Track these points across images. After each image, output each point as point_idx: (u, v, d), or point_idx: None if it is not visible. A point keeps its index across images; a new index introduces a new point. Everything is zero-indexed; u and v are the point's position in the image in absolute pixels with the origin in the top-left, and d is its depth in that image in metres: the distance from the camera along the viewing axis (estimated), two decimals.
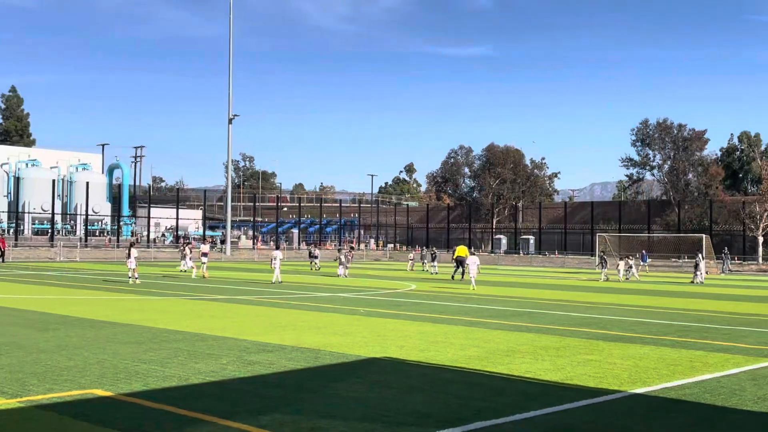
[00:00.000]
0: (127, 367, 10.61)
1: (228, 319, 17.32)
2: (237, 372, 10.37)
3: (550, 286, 34.68)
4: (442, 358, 11.96)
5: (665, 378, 10.48)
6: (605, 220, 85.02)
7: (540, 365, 11.40)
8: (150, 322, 16.20)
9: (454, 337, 14.65)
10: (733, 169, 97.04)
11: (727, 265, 57.06)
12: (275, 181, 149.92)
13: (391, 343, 13.52)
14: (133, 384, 9.39)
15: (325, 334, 14.67)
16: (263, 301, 22.55)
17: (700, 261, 41.60)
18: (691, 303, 25.00)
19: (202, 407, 8.16)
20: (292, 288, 29.06)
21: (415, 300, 24.13)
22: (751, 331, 16.63)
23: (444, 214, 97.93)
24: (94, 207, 77.00)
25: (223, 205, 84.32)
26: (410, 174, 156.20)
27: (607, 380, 10.24)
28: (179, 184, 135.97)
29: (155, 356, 11.58)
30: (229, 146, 69.06)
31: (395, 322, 17.17)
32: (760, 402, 9.02)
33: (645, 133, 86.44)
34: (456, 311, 20.16)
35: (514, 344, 13.70)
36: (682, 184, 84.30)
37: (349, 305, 21.54)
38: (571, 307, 22.22)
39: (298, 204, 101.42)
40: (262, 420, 7.66)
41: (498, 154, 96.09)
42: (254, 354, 11.99)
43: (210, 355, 11.74)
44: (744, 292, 32.44)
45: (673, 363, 11.83)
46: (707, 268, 53.81)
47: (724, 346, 14.05)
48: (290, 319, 17.63)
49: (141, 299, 22.94)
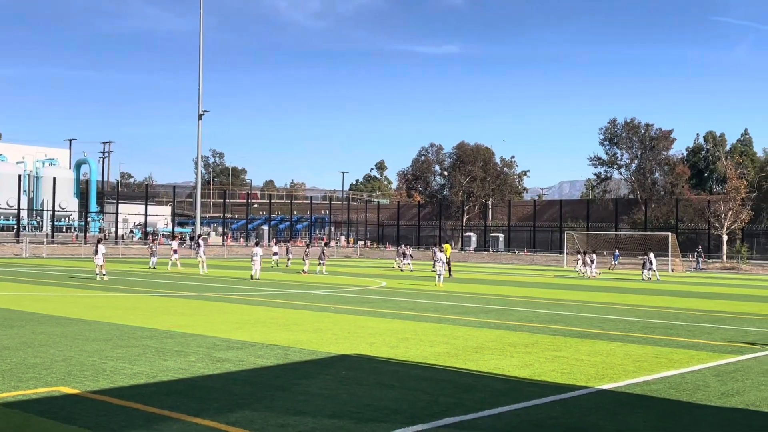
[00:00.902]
0: (95, 364, 10.50)
1: (197, 316, 17.21)
2: (206, 369, 10.31)
3: (518, 283, 34.94)
4: (412, 354, 12.01)
5: (631, 374, 10.63)
6: (573, 218, 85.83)
7: (508, 362, 11.50)
8: (118, 319, 16.04)
9: (423, 333, 14.71)
10: (699, 169, 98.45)
11: (699, 264, 57.88)
12: (245, 177, 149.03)
13: (360, 340, 13.54)
14: (100, 381, 9.30)
15: (295, 331, 14.64)
16: (232, 298, 22.43)
17: (651, 259, 42.61)
18: (657, 300, 25.36)
19: (171, 404, 8.10)
20: (263, 285, 28.94)
21: (386, 297, 24.17)
22: (715, 328, 16.92)
23: (415, 212, 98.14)
24: (60, 203, 75.92)
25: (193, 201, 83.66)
26: (381, 171, 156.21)
27: (574, 376, 10.36)
28: (148, 180, 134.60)
29: (123, 353, 11.47)
30: (199, 142, 68.53)
31: (365, 319, 17.19)
32: (724, 397, 9.19)
33: (613, 133, 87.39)
34: (426, 308, 20.23)
35: (483, 341, 13.79)
36: (649, 182, 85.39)
37: (319, 302, 21.51)
38: (540, 304, 22.42)
39: (269, 201, 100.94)
40: (231, 417, 7.63)
41: (468, 152, 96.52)
42: (223, 351, 11.93)
43: (178, 353, 11.67)
44: (708, 289, 32.98)
45: (639, 359, 12.00)
46: (673, 265, 54.66)
47: (689, 342, 14.29)
48: (260, 316, 17.56)
49: (109, 296, 22.69)
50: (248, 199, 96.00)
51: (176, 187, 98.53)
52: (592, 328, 16.39)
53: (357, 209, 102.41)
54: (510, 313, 19.36)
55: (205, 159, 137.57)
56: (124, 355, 11.29)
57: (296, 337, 13.73)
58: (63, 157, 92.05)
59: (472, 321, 17.26)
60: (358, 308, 19.95)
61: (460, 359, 11.63)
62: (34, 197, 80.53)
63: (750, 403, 8.91)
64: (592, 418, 8.03)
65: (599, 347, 13.28)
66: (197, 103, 66.64)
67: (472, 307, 21.06)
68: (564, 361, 11.62)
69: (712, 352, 13.04)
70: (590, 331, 15.80)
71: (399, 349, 12.51)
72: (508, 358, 11.88)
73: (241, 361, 11.02)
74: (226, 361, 10.97)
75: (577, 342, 13.93)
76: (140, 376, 9.69)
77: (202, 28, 66.98)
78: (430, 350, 12.50)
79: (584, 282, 36.92)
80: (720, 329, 16.72)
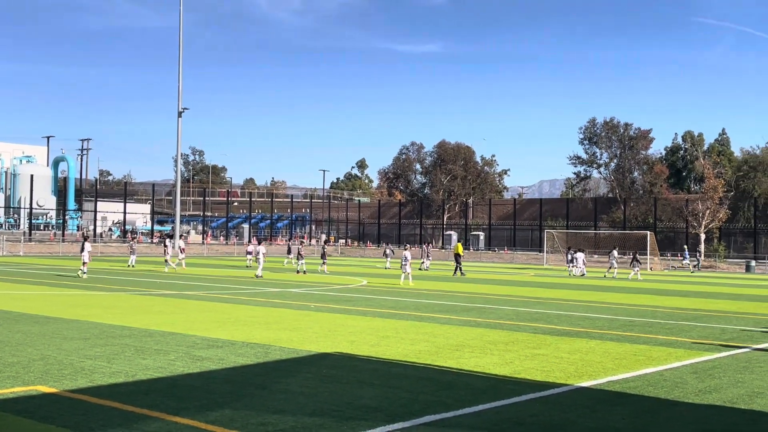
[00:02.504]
0: (73, 363, 10.41)
1: (176, 315, 17.11)
2: (185, 368, 10.26)
3: (499, 281, 35.08)
4: (393, 352, 12.02)
5: (610, 371, 10.71)
6: (553, 216, 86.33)
7: (489, 359, 11.54)
8: (96, 318, 15.92)
9: (404, 332, 14.72)
10: (677, 168, 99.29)
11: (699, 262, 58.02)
12: (225, 175, 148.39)
13: (341, 339, 13.53)
14: (78, 380, 9.22)
15: (275, 330, 14.60)
16: (212, 297, 22.33)
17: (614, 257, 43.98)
18: (635, 298, 25.57)
19: (150, 403, 8.05)
20: (243, 283, 28.83)
21: (366, 295, 24.17)
22: (693, 326, 17.08)
23: (395, 210, 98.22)
24: (38, 200, 75.17)
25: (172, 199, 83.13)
26: (362, 170, 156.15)
27: (554, 374, 10.42)
28: (127, 178, 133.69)
29: (102, 352, 11.38)
30: (179, 140, 68.09)
31: (346, 318, 17.18)
32: (701, 394, 9.28)
33: (592, 132, 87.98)
34: (406, 307, 20.25)
35: (464, 339, 13.83)
36: (628, 182, 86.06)
37: (300, 300, 21.47)
38: (520, 303, 22.52)
39: (249, 199, 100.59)
40: (211, 416, 7.59)
41: (449, 151, 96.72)
42: (203, 350, 11.88)
43: (158, 351, 11.59)
44: (686, 287, 33.28)
45: (617, 357, 12.09)
46: (652, 264, 55.12)
47: (667, 340, 14.42)
48: (240, 314, 17.50)
49: (87, 294, 22.50)
50: (228, 197, 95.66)
51: (155, 185, 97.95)
52: (572, 326, 16.49)
53: (338, 208, 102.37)
54: (490, 312, 19.43)
55: (185, 157, 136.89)
56: (103, 354, 11.21)
57: (277, 336, 13.69)
58: (41, 154, 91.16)
59: (452, 319, 17.31)
60: (339, 307, 19.94)
61: (441, 357, 11.66)
62: (11, 195, 79.66)
63: (727, 400, 9.01)
64: (572, 415, 8.08)
65: (579, 345, 13.37)
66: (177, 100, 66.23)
67: (452, 305, 21.11)
68: (544, 359, 11.68)
69: (690, 349, 13.17)
70: (570, 329, 15.90)
71: (380, 348, 12.52)
72: (488, 356, 11.92)
73: (221, 360, 10.97)
74: (205, 360, 10.92)
75: (556, 340, 14.01)
76: (119, 375, 9.62)
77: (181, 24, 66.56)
78: (410, 348, 12.52)
79: (563, 280, 37.14)
80: (698, 327, 16.88)
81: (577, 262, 43.16)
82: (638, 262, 42.05)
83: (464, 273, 39.04)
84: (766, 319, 18.86)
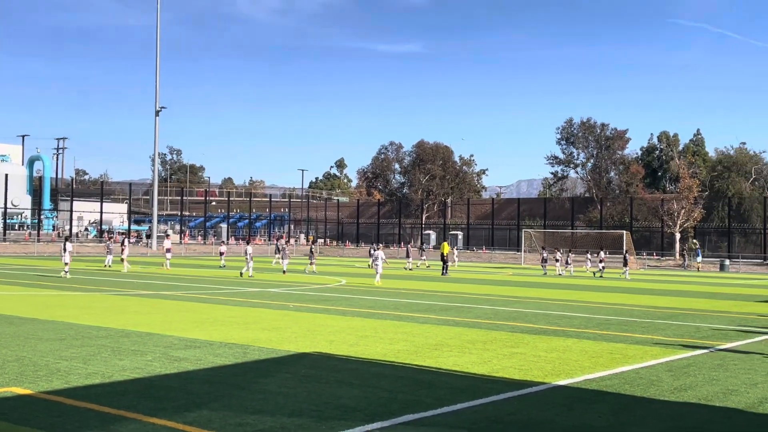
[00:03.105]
0: (48, 364, 10.30)
1: (153, 315, 16.99)
2: (162, 368, 10.19)
3: (477, 280, 35.20)
4: (372, 352, 12.02)
5: (587, 370, 10.79)
6: (531, 216, 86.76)
7: (467, 359, 11.58)
8: (72, 319, 15.76)
9: (383, 331, 14.74)
10: (653, 168, 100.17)
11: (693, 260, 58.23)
12: (203, 174, 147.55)
13: (320, 338, 13.51)
14: (53, 382, 9.13)
15: (254, 330, 14.55)
16: (190, 297, 22.20)
17: (547, 255, 45.65)
18: (612, 297, 25.78)
19: (127, 404, 7.99)
20: (221, 283, 28.69)
21: (345, 295, 24.15)
22: (668, 324, 17.25)
23: (374, 210, 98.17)
24: (13, 200, 74.24)
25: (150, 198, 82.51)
26: (341, 169, 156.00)
27: (532, 372, 10.48)
28: (103, 177, 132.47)
29: (77, 353, 11.28)
30: (156, 139, 67.67)
31: (325, 317, 17.16)
32: (677, 392, 9.38)
33: (569, 132, 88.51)
34: (385, 306, 20.27)
35: (442, 338, 13.87)
36: (605, 181, 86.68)
37: (279, 300, 21.40)
38: (498, 302, 22.62)
39: (227, 198, 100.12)
40: (189, 417, 7.55)
41: (427, 151, 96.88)
42: (180, 350, 11.81)
43: (135, 352, 11.51)
44: (662, 286, 33.61)
45: (594, 355, 12.18)
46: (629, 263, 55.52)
47: (643, 338, 14.56)
48: (218, 314, 17.41)
49: (63, 295, 22.28)
50: (206, 196, 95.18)
51: (132, 185, 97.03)
52: (550, 324, 16.59)
53: (317, 207, 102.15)
54: (469, 311, 19.50)
55: (163, 156, 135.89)
56: (79, 355, 11.10)
57: (255, 336, 13.65)
58: (15, 153, 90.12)
59: (431, 318, 17.34)
60: (318, 306, 19.90)
61: (420, 356, 11.68)
62: None
63: (702, 397, 9.11)
64: (549, 413, 8.13)
65: (556, 344, 13.46)
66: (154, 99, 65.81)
67: (431, 304, 21.15)
68: (521, 358, 11.74)
69: (666, 347, 13.30)
70: (547, 327, 16.00)
71: (359, 347, 12.52)
72: (466, 355, 11.96)
73: (199, 360, 10.91)
74: (183, 360, 10.86)
75: (534, 339, 14.09)
76: (95, 376, 9.54)
77: (159, 23, 66.14)
78: (389, 348, 12.53)
79: (541, 279, 37.35)
80: (673, 325, 17.06)
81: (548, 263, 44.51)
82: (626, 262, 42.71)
83: (447, 273, 39.18)
84: (740, 318, 19.10)
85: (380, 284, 29.23)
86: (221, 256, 44.99)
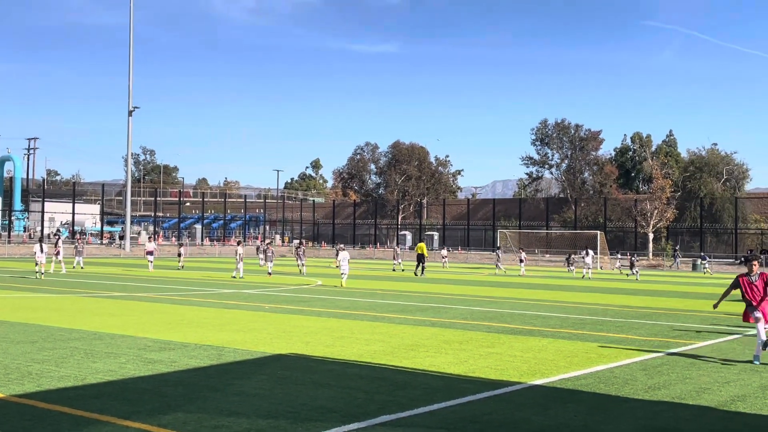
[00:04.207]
0: (20, 367, 10.15)
1: (127, 317, 16.82)
2: (136, 371, 10.09)
3: (453, 281, 35.29)
4: (348, 353, 12.00)
5: (563, 369, 10.85)
6: (506, 216, 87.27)
7: (443, 359, 11.60)
8: (44, 321, 15.56)
9: (359, 332, 14.72)
10: (626, 169, 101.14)
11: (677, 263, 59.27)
12: (177, 175, 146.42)
13: (296, 339, 13.46)
14: (25, 385, 9.00)
15: (229, 331, 14.46)
16: (164, 298, 22.01)
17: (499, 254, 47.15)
18: (586, 297, 25.98)
19: (100, 407, 7.90)
20: (195, 284, 28.49)
21: (321, 296, 24.09)
22: (642, 324, 17.41)
23: (350, 210, 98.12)
24: None
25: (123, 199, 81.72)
26: (316, 170, 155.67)
27: (508, 372, 10.52)
28: (76, 178, 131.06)
29: (49, 356, 11.13)
30: (129, 139, 67.07)
31: (300, 318, 17.10)
32: (651, 391, 9.47)
33: (544, 133, 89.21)
34: (361, 307, 20.24)
35: (419, 339, 13.88)
36: (579, 182, 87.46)
37: (254, 301, 21.29)
38: (474, 302, 22.69)
39: (202, 199, 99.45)
40: (163, 419, 7.48)
41: (403, 151, 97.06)
42: (155, 352, 11.69)
43: (108, 354, 11.38)
44: (635, 286, 33.94)
45: (570, 355, 12.26)
46: (602, 263, 56.05)
47: (618, 338, 14.68)
48: (192, 316, 17.28)
49: (33, 297, 21.98)
50: (180, 197, 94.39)
51: (105, 185, 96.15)
52: (525, 324, 16.67)
53: (292, 208, 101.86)
54: (445, 311, 19.54)
55: (136, 156, 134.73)
56: (51, 358, 10.96)
57: (230, 337, 13.56)
58: None
59: (407, 319, 17.35)
60: (294, 307, 19.83)
61: (396, 357, 11.68)
62: None
63: (675, 396, 9.20)
64: (525, 412, 8.16)
65: (532, 343, 13.52)
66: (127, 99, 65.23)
67: (407, 305, 21.17)
68: (498, 358, 11.78)
69: (640, 347, 13.42)
70: (523, 327, 16.08)
71: (335, 348, 12.48)
72: (443, 355, 11.98)
73: (174, 362, 10.82)
74: (157, 363, 10.75)
75: (510, 338, 14.15)
76: (68, 379, 9.42)
77: (132, 22, 65.58)
78: (365, 348, 12.51)
79: (516, 279, 37.54)
80: (647, 325, 17.22)
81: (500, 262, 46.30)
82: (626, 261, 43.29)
83: (423, 274, 38.63)
84: (712, 317, 19.33)
85: (345, 285, 28.23)
86: (179, 258, 42.78)
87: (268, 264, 36.00)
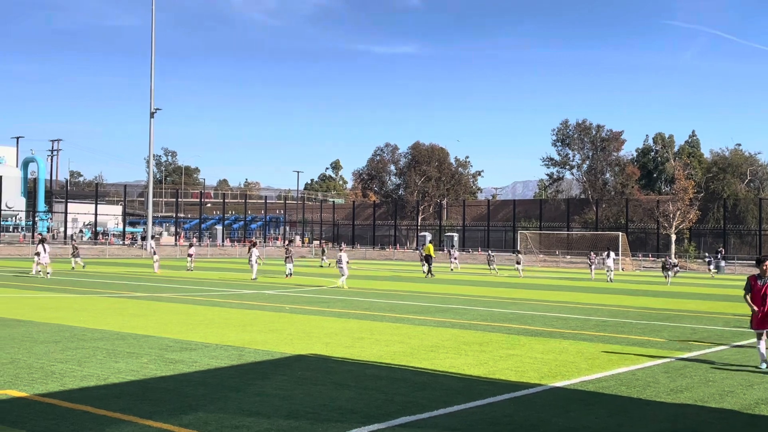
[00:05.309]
0: (43, 366, 10.26)
1: (149, 317, 16.95)
2: (158, 371, 10.16)
3: (473, 282, 35.20)
4: (368, 354, 12.00)
5: (584, 371, 10.79)
6: (527, 217, 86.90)
7: (463, 360, 11.57)
8: (67, 321, 15.72)
9: (379, 333, 14.72)
10: (648, 169, 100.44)
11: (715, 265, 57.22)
12: (198, 176, 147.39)
13: (316, 340, 13.49)
14: (49, 384, 9.10)
15: (250, 332, 14.52)
16: (186, 299, 22.15)
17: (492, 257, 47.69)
18: (607, 299, 25.80)
19: (122, 407, 7.96)
20: (216, 285, 28.64)
21: (341, 297, 24.13)
22: (664, 326, 17.27)
23: (370, 212, 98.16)
24: (7, 202, 74.10)
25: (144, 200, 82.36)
26: (336, 171, 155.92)
27: (528, 374, 10.47)
28: (98, 179, 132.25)
29: (73, 355, 11.24)
30: (151, 140, 67.57)
31: (321, 319, 17.14)
32: (673, 393, 9.38)
33: (565, 134, 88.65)
34: (381, 308, 20.25)
35: (439, 340, 13.86)
36: (600, 183, 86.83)
37: (274, 302, 21.37)
38: (494, 303, 22.62)
39: (222, 200, 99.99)
40: (185, 419, 7.53)
41: (423, 152, 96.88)
42: (176, 352, 11.77)
43: (130, 354, 11.47)
44: (657, 288, 33.65)
45: (591, 357, 12.18)
46: (623, 264, 55.63)
47: (639, 340, 14.56)
48: (213, 316, 17.38)
49: (57, 297, 22.21)
50: (201, 198, 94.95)
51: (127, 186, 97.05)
52: (546, 326, 16.59)
53: (312, 209, 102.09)
54: (465, 312, 19.49)
55: (157, 158, 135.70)
56: (74, 357, 11.07)
57: (251, 338, 13.62)
58: (10, 155, 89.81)
59: (427, 320, 17.33)
60: (314, 308, 19.88)
61: (416, 358, 11.67)
62: None
63: (698, 398, 9.12)
64: (546, 415, 8.12)
65: (552, 345, 13.45)
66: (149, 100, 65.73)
67: (427, 306, 21.14)
68: (518, 360, 11.74)
69: (662, 349, 13.31)
70: (543, 329, 15.99)
71: (355, 349, 12.50)
72: (463, 356, 11.95)
73: (195, 362, 10.88)
74: (179, 363, 10.83)
75: (530, 340, 14.09)
76: (90, 379, 9.51)
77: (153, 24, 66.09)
78: (385, 350, 12.51)
79: (536, 281, 37.36)
80: (669, 327, 17.07)
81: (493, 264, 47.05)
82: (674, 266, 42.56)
83: (434, 274, 39.01)
84: (735, 319, 19.14)
85: (345, 287, 27.88)
86: (189, 258, 41.33)
87: (288, 266, 34.62)
